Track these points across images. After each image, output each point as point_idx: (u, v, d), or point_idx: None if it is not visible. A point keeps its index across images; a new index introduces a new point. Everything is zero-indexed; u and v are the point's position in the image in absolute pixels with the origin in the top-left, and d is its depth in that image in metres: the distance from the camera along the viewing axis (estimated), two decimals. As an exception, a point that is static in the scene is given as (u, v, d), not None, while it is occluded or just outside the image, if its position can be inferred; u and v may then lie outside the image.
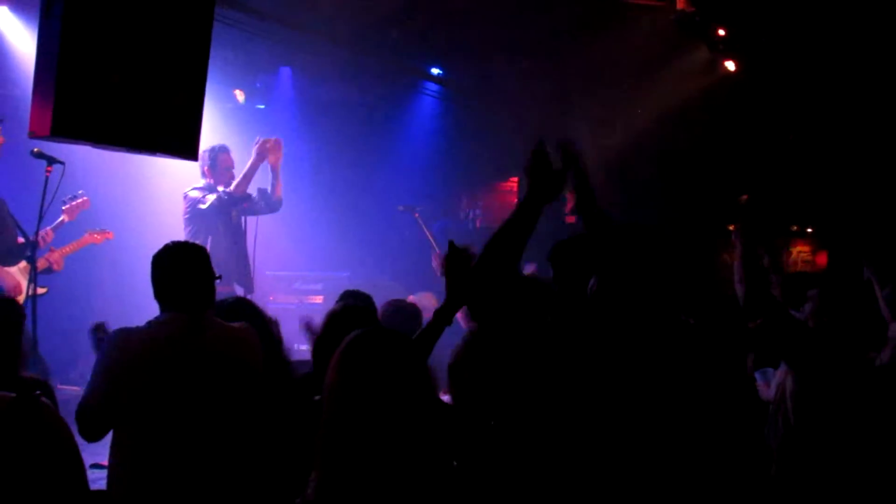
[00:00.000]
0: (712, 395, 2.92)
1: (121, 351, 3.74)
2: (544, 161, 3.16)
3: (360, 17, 8.50)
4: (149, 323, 3.88)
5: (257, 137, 7.87)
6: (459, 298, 3.41)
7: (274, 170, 7.98)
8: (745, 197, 4.91)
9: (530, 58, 9.91)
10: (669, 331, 2.94)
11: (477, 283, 3.12)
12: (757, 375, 5.53)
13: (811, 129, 8.62)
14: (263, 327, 4.29)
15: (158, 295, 3.89)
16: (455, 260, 3.43)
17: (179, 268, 3.88)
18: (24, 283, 6.69)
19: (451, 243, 3.48)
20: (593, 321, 3.00)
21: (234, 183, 7.73)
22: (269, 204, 7.98)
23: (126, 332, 3.81)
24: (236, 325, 4.03)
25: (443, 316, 3.42)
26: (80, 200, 7.49)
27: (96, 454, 3.89)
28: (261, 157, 7.79)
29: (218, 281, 4.03)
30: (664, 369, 2.84)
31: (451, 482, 2.66)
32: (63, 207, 7.37)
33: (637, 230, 3.02)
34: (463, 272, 3.39)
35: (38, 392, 2.95)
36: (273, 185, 8.01)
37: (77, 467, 3.00)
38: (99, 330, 4.11)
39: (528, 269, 9.04)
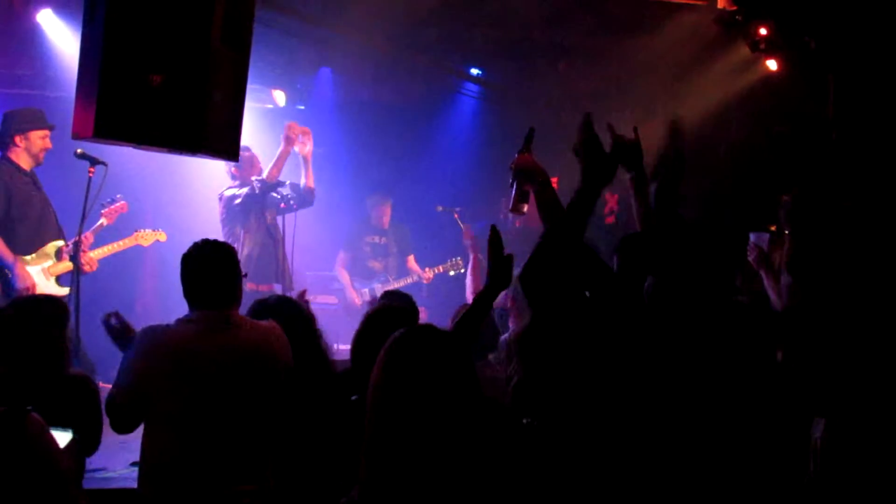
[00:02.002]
0: (764, 393, 2.92)
1: (146, 348, 3.81)
2: (593, 137, 3.17)
3: (400, 17, 8.50)
4: (177, 321, 3.94)
5: (285, 123, 7.91)
6: (501, 283, 3.47)
7: (305, 160, 8.01)
8: (786, 197, 4.84)
9: (569, 58, 9.87)
10: (728, 325, 2.94)
11: (536, 272, 3.10)
12: (752, 236, 5.41)
13: (855, 128, 8.51)
14: (306, 326, 4.32)
15: (186, 293, 3.96)
16: (497, 246, 3.49)
17: (205, 266, 3.95)
18: (41, 284, 6.71)
19: (493, 228, 3.55)
20: (650, 321, 3.00)
21: (266, 170, 7.79)
22: (301, 197, 8.01)
23: (152, 330, 3.88)
24: (264, 322, 4.07)
25: (484, 300, 3.47)
26: (118, 205, 7.55)
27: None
28: (289, 141, 7.81)
29: (247, 279, 4.07)
30: (722, 367, 2.84)
31: (495, 480, 2.66)
32: (102, 211, 7.43)
33: (700, 231, 3.01)
34: (504, 258, 3.46)
35: (29, 407, 2.96)
36: (304, 175, 8.03)
37: (58, 481, 2.99)
38: (111, 318, 4.15)
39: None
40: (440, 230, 10.19)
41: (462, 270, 9.70)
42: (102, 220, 7.43)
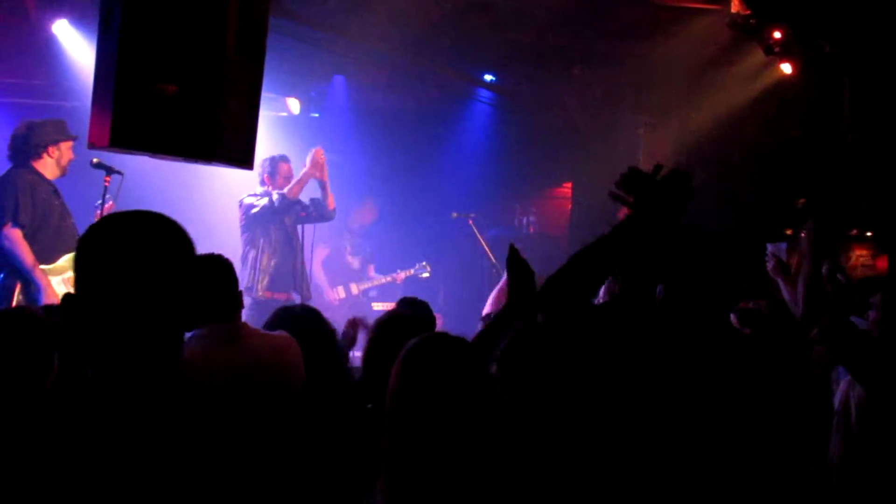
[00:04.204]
0: (773, 407, 2.86)
1: None
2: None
3: (413, 24, 8.52)
4: (187, 338, 3.93)
5: (317, 147, 7.95)
6: (522, 304, 3.41)
7: (324, 184, 8.05)
8: (802, 201, 4.80)
9: (583, 63, 9.87)
10: (730, 341, 2.89)
11: (552, 296, 2.95)
12: (769, 247, 5.37)
13: (870, 131, 8.48)
14: (327, 336, 4.31)
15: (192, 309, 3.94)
16: (516, 264, 3.43)
17: (210, 280, 3.93)
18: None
19: (511, 247, 3.48)
20: (660, 328, 2.95)
21: (288, 187, 7.81)
22: (322, 214, 8.04)
23: None
24: (274, 333, 4.05)
25: (505, 319, 3.43)
26: (107, 206, 7.57)
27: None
28: (314, 167, 7.85)
29: (264, 287, 4.00)
30: (727, 380, 2.80)
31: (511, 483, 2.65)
32: (96, 213, 7.46)
33: (708, 235, 2.95)
34: (525, 278, 3.40)
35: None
36: (324, 197, 8.06)
37: None
38: None
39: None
40: (455, 236, 10.20)
41: (428, 275, 9.86)
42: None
